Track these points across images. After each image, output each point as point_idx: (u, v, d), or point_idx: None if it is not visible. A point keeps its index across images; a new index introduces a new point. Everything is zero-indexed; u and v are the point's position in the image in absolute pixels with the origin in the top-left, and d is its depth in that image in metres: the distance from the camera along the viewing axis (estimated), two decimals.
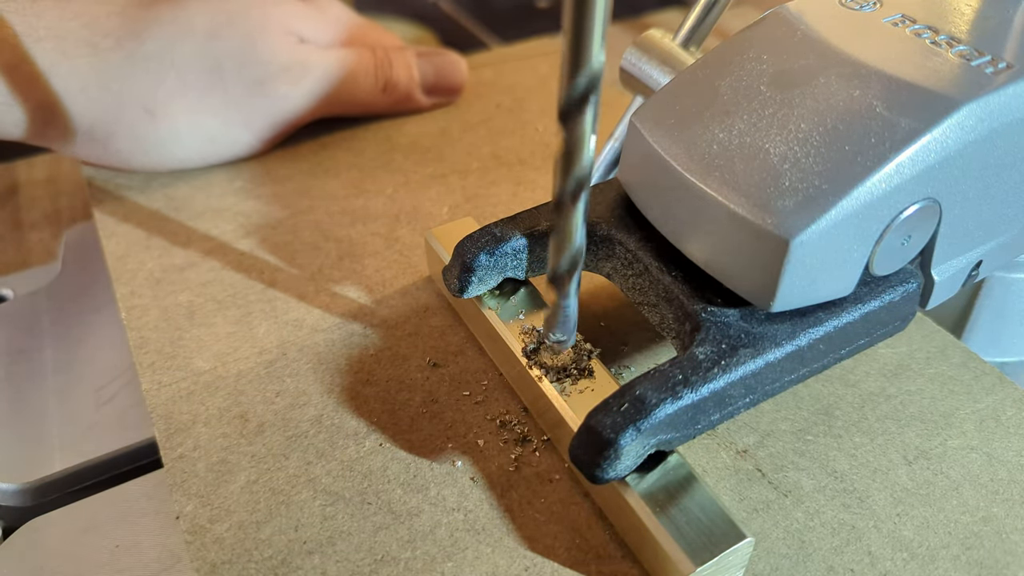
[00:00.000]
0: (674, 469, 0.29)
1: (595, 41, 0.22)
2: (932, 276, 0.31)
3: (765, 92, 0.30)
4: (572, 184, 0.26)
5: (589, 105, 0.24)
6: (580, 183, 0.26)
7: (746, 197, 0.27)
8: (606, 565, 0.29)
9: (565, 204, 0.26)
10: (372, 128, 0.52)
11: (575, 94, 0.24)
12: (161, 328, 0.38)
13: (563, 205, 0.26)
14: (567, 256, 0.28)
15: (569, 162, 0.25)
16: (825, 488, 0.31)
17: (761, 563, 0.29)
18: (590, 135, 0.25)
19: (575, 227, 0.27)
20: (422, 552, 0.29)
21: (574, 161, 0.25)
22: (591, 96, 0.24)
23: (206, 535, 0.29)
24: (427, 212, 0.45)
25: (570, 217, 0.27)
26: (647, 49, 0.40)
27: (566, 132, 0.25)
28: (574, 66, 0.23)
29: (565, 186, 0.26)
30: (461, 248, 0.34)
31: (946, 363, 0.36)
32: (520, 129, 0.52)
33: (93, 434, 0.37)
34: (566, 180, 0.26)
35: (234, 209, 0.45)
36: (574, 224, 0.27)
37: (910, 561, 0.29)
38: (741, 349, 0.28)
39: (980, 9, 0.32)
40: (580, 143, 0.25)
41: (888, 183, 0.27)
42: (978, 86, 0.28)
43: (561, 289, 0.29)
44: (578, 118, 0.24)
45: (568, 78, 0.23)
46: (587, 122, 0.24)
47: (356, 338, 0.37)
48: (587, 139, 0.25)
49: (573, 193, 0.26)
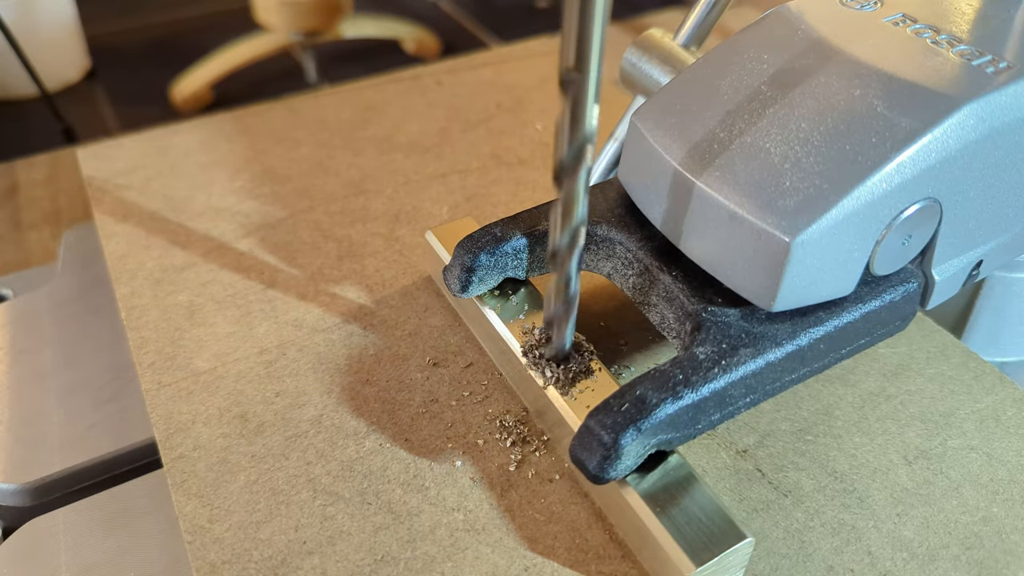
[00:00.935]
0: (674, 469, 0.28)
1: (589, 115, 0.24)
2: (932, 276, 0.31)
3: (765, 92, 0.30)
4: (567, 237, 0.27)
5: (583, 166, 0.25)
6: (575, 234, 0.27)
7: (747, 197, 0.27)
8: (606, 565, 0.29)
9: (561, 254, 0.28)
10: (372, 128, 0.52)
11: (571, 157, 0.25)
12: (161, 328, 0.38)
13: (559, 255, 0.28)
14: (568, 230, 0.28)
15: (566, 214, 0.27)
16: (825, 488, 0.31)
17: (761, 563, 0.29)
18: (584, 193, 0.26)
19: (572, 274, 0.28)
20: (422, 552, 0.29)
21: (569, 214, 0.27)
22: (584, 159, 0.25)
23: (206, 535, 0.29)
24: (427, 212, 0.45)
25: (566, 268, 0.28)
26: (647, 49, 0.40)
27: (563, 190, 0.26)
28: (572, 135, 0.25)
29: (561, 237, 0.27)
30: (461, 248, 0.34)
31: (946, 363, 0.36)
32: (520, 129, 0.52)
33: (93, 434, 0.37)
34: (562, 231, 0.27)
35: (234, 209, 0.45)
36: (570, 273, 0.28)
37: (910, 561, 0.29)
38: (742, 349, 0.28)
39: (981, 9, 0.32)
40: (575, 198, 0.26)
41: (889, 183, 0.27)
42: (979, 86, 0.28)
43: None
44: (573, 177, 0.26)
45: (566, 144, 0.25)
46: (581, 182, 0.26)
47: (356, 338, 0.37)
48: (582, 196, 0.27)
49: (569, 243, 0.27)
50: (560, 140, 0.25)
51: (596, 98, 0.24)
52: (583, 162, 0.25)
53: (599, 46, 0.23)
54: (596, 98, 0.24)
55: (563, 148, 0.25)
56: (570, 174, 0.26)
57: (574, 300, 0.30)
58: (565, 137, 0.25)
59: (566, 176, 0.26)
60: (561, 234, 0.27)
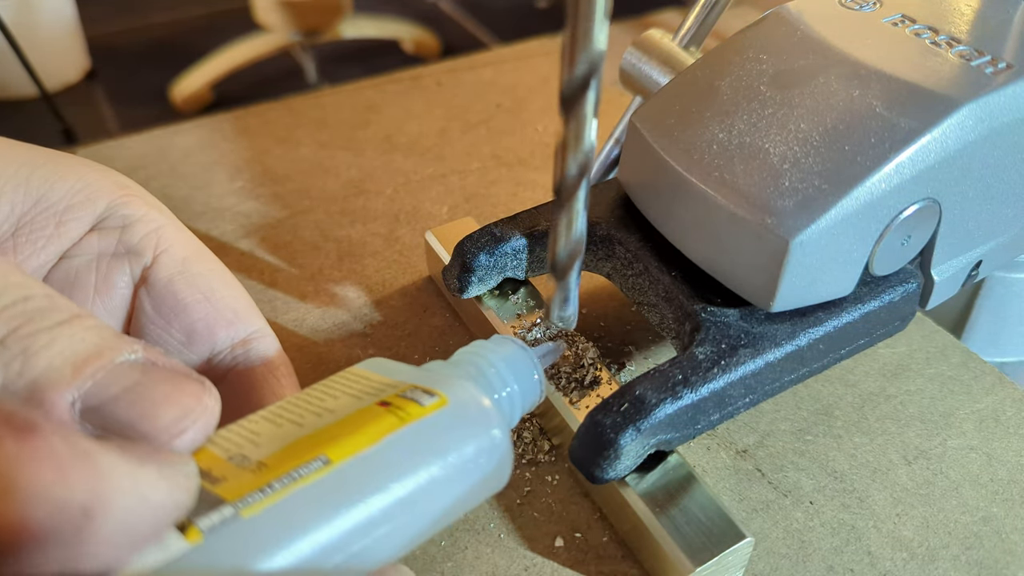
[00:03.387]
0: (674, 469, 0.29)
1: (597, 26, 0.22)
2: (932, 276, 0.31)
3: (765, 92, 0.30)
4: (574, 171, 0.26)
5: (591, 90, 0.24)
6: (583, 168, 0.26)
7: (746, 197, 0.27)
8: (606, 565, 0.29)
9: (568, 187, 0.26)
10: (372, 128, 0.52)
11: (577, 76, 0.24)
12: None
13: (565, 188, 0.26)
14: (569, 242, 0.27)
15: (572, 145, 0.25)
16: (825, 488, 0.31)
17: (761, 563, 0.29)
18: (592, 119, 0.25)
19: (577, 213, 0.27)
20: (422, 552, 0.29)
21: (577, 145, 0.25)
22: (592, 81, 0.24)
23: None
24: (427, 212, 0.45)
25: (572, 204, 0.27)
26: (647, 49, 0.40)
27: (569, 117, 0.25)
28: (575, 50, 0.23)
29: (567, 171, 0.26)
30: (461, 248, 0.34)
31: (946, 363, 0.36)
32: (520, 129, 0.52)
33: None
34: (568, 164, 0.26)
35: (234, 209, 0.45)
36: (576, 211, 0.27)
37: (910, 561, 0.29)
38: (741, 349, 0.28)
39: (980, 9, 0.32)
40: (583, 128, 0.25)
41: (888, 183, 0.27)
42: (978, 86, 0.28)
43: (563, 274, 0.29)
44: (580, 102, 0.24)
45: (569, 63, 0.23)
46: (589, 107, 0.24)
47: (356, 338, 0.37)
48: (589, 123, 0.25)
49: (575, 178, 0.26)
50: (560, 156, 0.25)
51: (595, 111, 0.24)
52: (592, 81, 0.24)
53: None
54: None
55: (564, 165, 0.25)
56: (577, 97, 0.24)
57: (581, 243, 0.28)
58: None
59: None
60: (569, 162, 0.26)
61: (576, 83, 0.23)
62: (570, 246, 0.27)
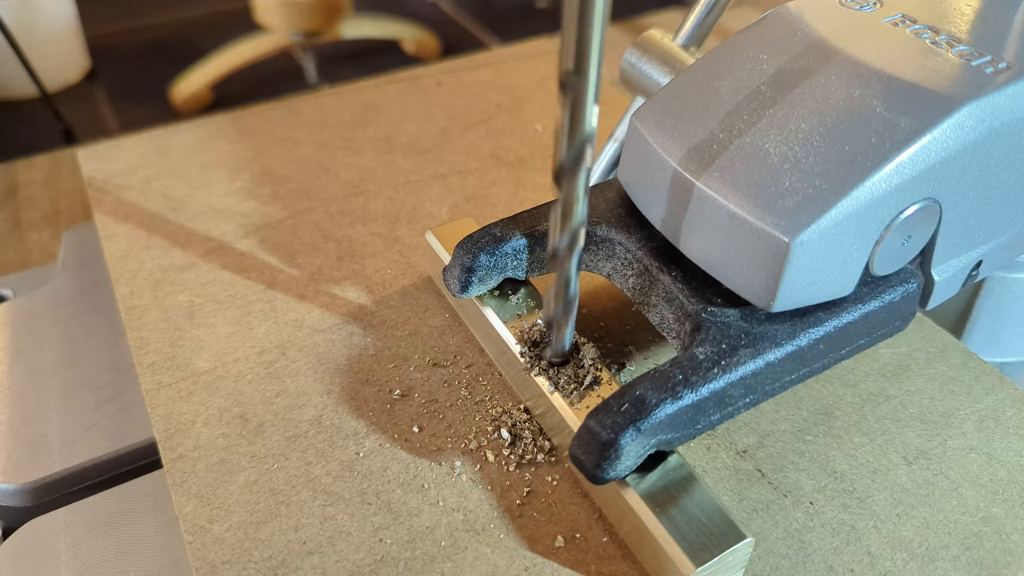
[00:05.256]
0: (674, 469, 0.29)
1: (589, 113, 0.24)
2: (932, 276, 0.31)
3: (765, 92, 0.30)
4: (567, 238, 0.27)
5: (582, 167, 0.25)
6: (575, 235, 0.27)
7: (746, 197, 0.27)
8: (606, 565, 0.29)
9: (561, 255, 0.28)
10: (372, 128, 0.52)
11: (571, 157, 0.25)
12: (161, 328, 0.38)
13: (558, 256, 0.28)
14: (568, 231, 0.28)
15: (564, 215, 0.27)
16: (825, 488, 0.31)
17: (761, 563, 0.29)
18: (584, 194, 0.26)
19: (571, 276, 0.28)
20: (422, 552, 0.29)
21: (568, 216, 0.27)
22: (583, 159, 0.25)
23: (206, 535, 0.29)
24: (427, 212, 0.45)
25: (567, 265, 0.28)
26: (647, 49, 0.40)
27: (562, 191, 0.26)
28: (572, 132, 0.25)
29: (561, 238, 0.27)
30: (461, 248, 0.34)
31: (946, 363, 0.36)
32: (520, 129, 0.52)
33: (93, 434, 0.37)
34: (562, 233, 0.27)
35: (234, 209, 0.45)
36: (570, 273, 0.28)
37: (910, 561, 0.29)
38: (741, 349, 0.28)
39: (980, 9, 0.32)
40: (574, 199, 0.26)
41: (888, 183, 0.27)
42: (978, 86, 0.28)
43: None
44: (573, 178, 0.26)
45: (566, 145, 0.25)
46: (581, 182, 0.26)
47: (356, 338, 0.37)
48: (582, 196, 0.27)
49: (569, 244, 0.27)
50: (560, 140, 0.25)
51: (596, 98, 0.24)
52: (583, 163, 0.25)
53: (599, 45, 0.23)
54: (596, 98, 0.24)
55: (563, 148, 0.25)
56: (570, 175, 0.26)
57: (574, 301, 0.30)
58: (565, 137, 0.25)
59: (566, 177, 0.26)
60: (561, 235, 0.27)
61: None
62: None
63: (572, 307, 0.30)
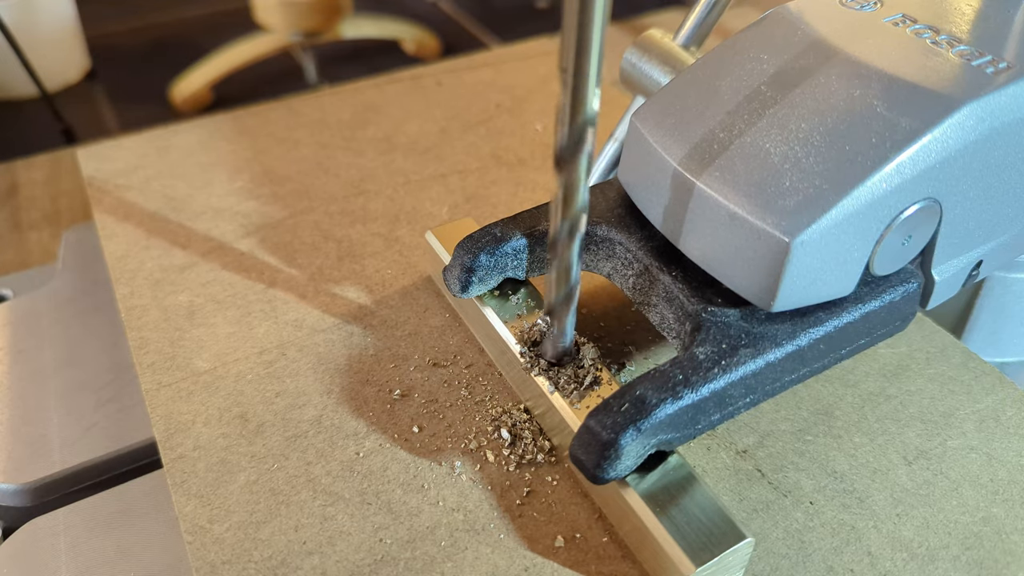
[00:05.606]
0: (674, 469, 0.28)
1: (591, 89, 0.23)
2: (932, 276, 0.31)
3: (765, 92, 0.30)
4: (567, 225, 0.27)
5: (583, 152, 0.25)
6: (575, 223, 0.27)
7: (747, 197, 0.27)
8: (606, 565, 0.29)
9: (561, 242, 0.27)
10: (372, 128, 0.52)
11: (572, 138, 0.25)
12: (161, 328, 0.38)
13: (559, 244, 0.27)
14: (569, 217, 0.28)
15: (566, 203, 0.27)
16: (825, 488, 0.31)
17: (761, 563, 0.29)
18: (585, 180, 0.26)
19: (571, 264, 0.28)
20: (422, 552, 0.29)
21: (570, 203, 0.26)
22: (584, 143, 0.25)
23: (206, 535, 0.29)
24: (427, 212, 0.45)
25: (567, 254, 0.28)
26: (647, 49, 0.40)
27: (562, 177, 0.26)
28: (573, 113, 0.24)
29: (562, 226, 0.27)
30: (461, 248, 0.34)
31: (946, 363, 0.36)
32: (520, 129, 0.52)
33: (93, 434, 0.37)
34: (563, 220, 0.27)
35: (234, 209, 0.45)
36: (570, 261, 0.28)
37: (910, 561, 0.29)
38: (741, 349, 0.28)
39: (980, 9, 0.32)
40: (575, 186, 0.26)
41: (889, 183, 0.27)
42: (978, 86, 0.28)
43: (559, 318, 0.30)
44: (573, 164, 0.25)
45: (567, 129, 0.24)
46: (581, 168, 0.25)
47: (356, 338, 0.37)
48: (583, 183, 0.26)
49: (569, 232, 0.27)
50: (561, 123, 0.25)
51: (598, 80, 0.24)
52: (584, 146, 0.25)
53: (602, 17, 0.23)
54: (598, 80, 0.24)
55: (564, 132, 0.25)
56: (571, 159, 0.25)
57: (575, 289, 0.29)
58: (566, 120, 0.24)
59: (566, 161, 0.25)
60: (562, 220, 0.27)
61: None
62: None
63: (573, 296, 0.29)
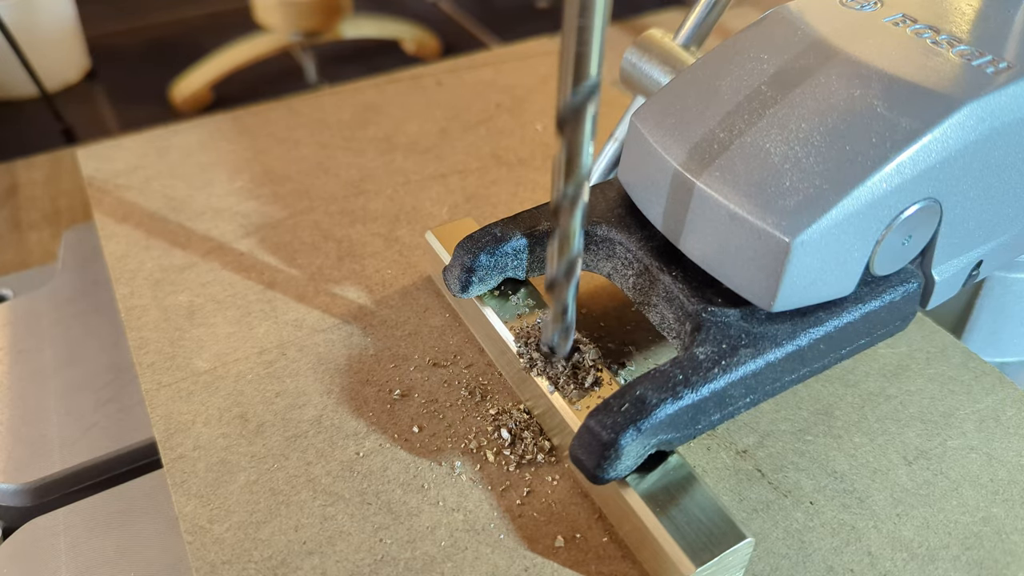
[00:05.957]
0: (674, 469, 0.28)
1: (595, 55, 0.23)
2: (932, 276, 0.31)
3: (765, 92, 0.30)
4: (571, 189, 0.26)
5: (587, 114, 0.24)
6: (578, 189, 0.26)
7: (747, 197, 0.27)
8: (606, 565, 0.29)
9: (564, 209, 0.27)
10: (372, 128, 0.52)
11: (575, 103, 0.24)
12: (161, 328, 0.38)
13: (562, 210, 0.27)
14: (565, 261, 0.28)
15: (569, 167, 0.25)
16: (825, 488, 0.31)
17: (761, 563, 0.29)
18: (588, 142, 0.25)
19: (573, 233, 0.27)
20: (422, 552, 0.29)
21: (573, 168, 0.25)
22: (589, 105, 0.24)
23: (206, 535, 0.29)
24: (427, 212, 0.45)
25: (569, 223, 0.27)
26: (647, 49, 0.40)
27: (564, 139, 0.25)
28: (576, 77, 0.23)
29: (564, 191, 0.26)
30: (461, 248, 0.34)
31: (946, 363, 0.36)
32: (520, 129, 0.52)
33: (93, 434, 0.37)
34: (565, 185, 0.26)
35: (234, 209, 0.45)
36: (572, 230, 0.27)
37: (910, 561, 0.29)
38: (741, 349, 0.28)
39: (981, 9, 0.32)
40: (578, 149, 0.25)
41: (889, 183, 0.27)
42: (979, 86, 0.28)
43: (559, 295, 0.29)
44: (576, 126, 0.24)
45: (569, 87, 0.24)
46: (586, 130, 0.25)
47: (356, 338, 0.37)
48: (585, 146, 0.25)
49: (572, 198, 0.26)
50: (563, 84, 0.24)
51: (602, 40, 0.23)
52: (588, 107, 0.24)
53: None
54: (602, 40, 0.23)
55: (567, 92, 0.24)
56: (574, 121, 0.24)
57: (577, 261, 0.29)
58: (569, 79, 0.24)
59: (569, 124, 0.25)
60: (565, 185, 0.26)
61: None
62: (567, 263, 0.27)
63: (575, 269, 0.29)
